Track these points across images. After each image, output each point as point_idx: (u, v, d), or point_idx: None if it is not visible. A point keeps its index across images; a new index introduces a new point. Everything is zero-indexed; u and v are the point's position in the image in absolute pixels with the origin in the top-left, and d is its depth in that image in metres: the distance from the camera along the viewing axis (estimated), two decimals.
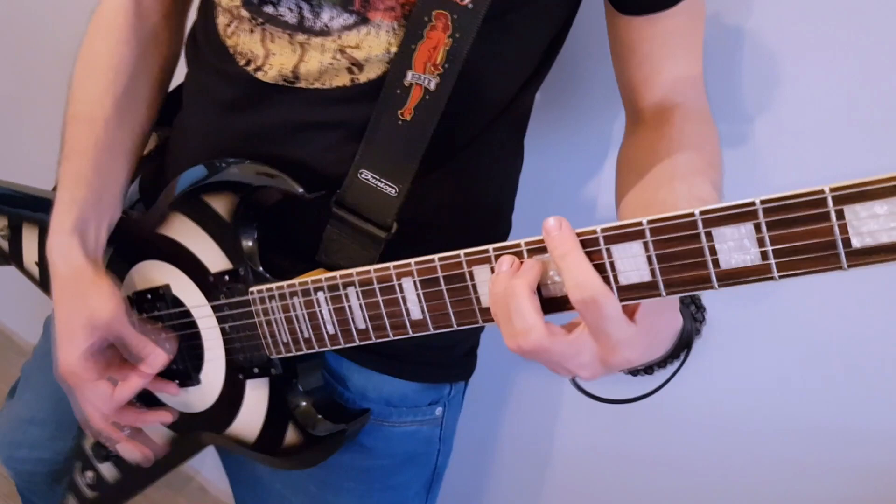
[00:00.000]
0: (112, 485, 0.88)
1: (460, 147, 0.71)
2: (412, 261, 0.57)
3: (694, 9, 0.67)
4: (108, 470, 0.87)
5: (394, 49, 0.64)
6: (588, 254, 0.48)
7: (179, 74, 0.82)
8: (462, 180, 0.73)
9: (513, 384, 1.18)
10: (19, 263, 0.90)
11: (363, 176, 0.66)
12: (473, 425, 1.02)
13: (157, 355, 0.72)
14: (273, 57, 0.68)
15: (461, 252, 0.54)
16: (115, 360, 0.75)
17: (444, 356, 0.80)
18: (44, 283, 0.86)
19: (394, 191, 0.66)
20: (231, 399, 0.74)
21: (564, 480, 1.18)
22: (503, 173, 0.79)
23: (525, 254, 0.51)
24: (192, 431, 0.79)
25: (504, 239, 0.79)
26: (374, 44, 0.65)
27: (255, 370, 0.72)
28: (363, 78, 0.66)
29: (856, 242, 0.41)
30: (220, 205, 0.70)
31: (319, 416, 0.71)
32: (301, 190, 0.65)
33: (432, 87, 0.63)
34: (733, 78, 0.83)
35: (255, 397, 0.73)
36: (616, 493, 1.12)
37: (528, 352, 0.50)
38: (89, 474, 0.89)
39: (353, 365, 0.76)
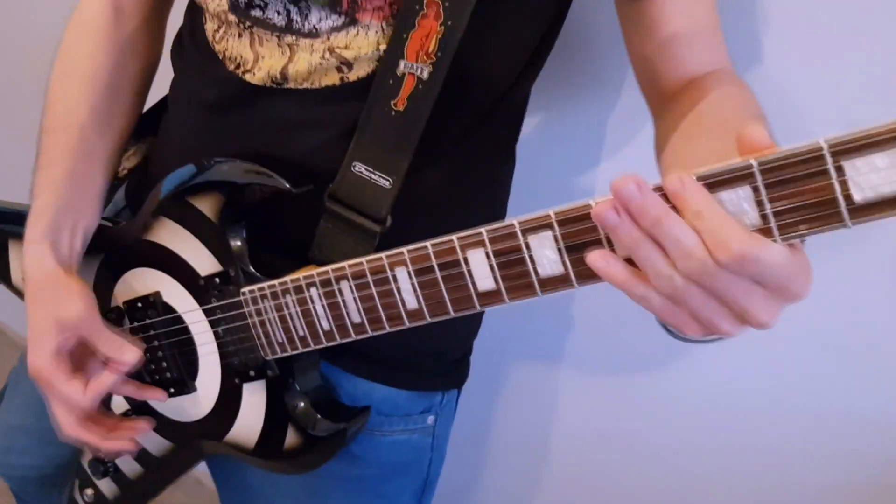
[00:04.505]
0: (112, 501, 0.86)
1: (454, 139, 0.70)
2: (405, 249, 0.56)
3: None
4: (106, 486, 0.86)
5: (384, 47, 0.63)
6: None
7: (165, 85, 0.81)
8: (455, 174, 0.72)
9: (506, 390, 1.16)
10: (7, 281, 0.88)
11: (356, 168, 0.65)
12: (466, 429, 1.00)
13: (127, 350, 0.69)
14: (262, 60, 0.67)
15: (454, 237, 0.53)
16: (87, 363, 0.72)
17: (436, 363, 0.78)
18: None
19: (388, 183, 0.65)
20: (228, 405, 0.73)
21: (557, 484, 1.16)
22: (495, 172, 0.78)
23: (520, 234, 0.50)
24: (192, 441, 0.78)
25: None
26: (364, 44, 0.64)
27: (251, 373, 0.70)
28: (353, 76, 0.65)
29: (857, 197, 0.40)
30: (206, 206, 0.68)
31: (319, 416, 0.70)
32: (287, 185, 0.64)
33: (425, 76, 0.62)
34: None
35: (253, 401, 0.71)
36: (610, 494, 1.10)
37: (730, 262, 0.41)
38: (88, 492, 0.87)
39: (343, 373, 0.74)
